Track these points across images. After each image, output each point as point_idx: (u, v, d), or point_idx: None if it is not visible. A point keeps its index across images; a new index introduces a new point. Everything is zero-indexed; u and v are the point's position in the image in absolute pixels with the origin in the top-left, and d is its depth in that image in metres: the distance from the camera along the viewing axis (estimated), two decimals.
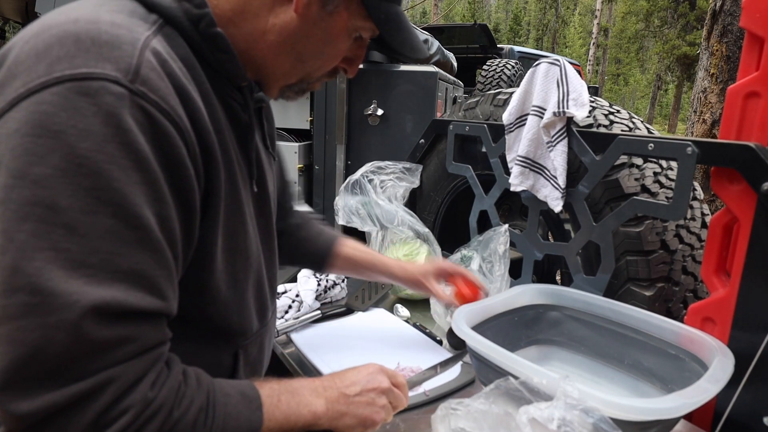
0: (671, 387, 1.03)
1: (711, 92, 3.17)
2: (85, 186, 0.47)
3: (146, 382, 0.51)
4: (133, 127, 0.50)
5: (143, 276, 0.51)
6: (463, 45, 6.02)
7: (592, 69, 26.85)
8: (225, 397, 0.59)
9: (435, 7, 24.98)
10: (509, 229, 1.45)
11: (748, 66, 1.02)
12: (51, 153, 0.46)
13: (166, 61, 0.55)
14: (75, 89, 0.48)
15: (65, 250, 0.46)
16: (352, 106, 2.25)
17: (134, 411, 0.50)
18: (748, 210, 0.99)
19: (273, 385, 0.67)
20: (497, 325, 1.17)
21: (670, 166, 1.32)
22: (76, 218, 0.47)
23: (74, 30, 0.50)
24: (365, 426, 0.74)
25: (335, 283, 1.54)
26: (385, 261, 1.19)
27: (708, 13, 3.18)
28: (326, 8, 0.66)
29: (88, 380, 0.47)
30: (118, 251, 0.49)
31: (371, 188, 1.68)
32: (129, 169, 0.49)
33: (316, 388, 0.71)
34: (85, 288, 0.46)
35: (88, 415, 0.47)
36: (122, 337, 0.49)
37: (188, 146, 0.55)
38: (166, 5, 0.59)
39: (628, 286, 1.28)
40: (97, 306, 0.47)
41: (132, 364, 0.50)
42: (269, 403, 0.63)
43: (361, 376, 0.77)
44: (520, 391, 0.79)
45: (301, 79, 0.74)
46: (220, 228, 0.63)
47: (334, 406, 0.71)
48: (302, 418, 0.67)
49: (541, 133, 1.37)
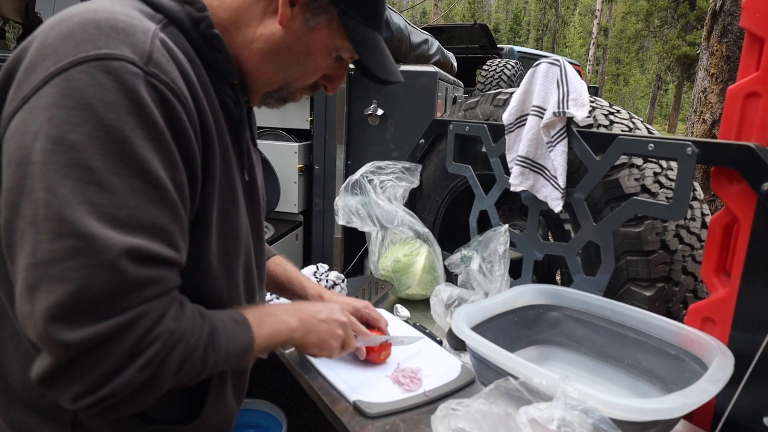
0: (671, 387, 1.03)
1: (711, 92, 3.17)
2: (113, 151, 0.55)
3: (169, 316, 0.60)
4: (149, 102, 0.57)
5: (163, 229, 0.58)
6: (463, 45, 6.02)
7: (592, 69, 26.85)
8: (222, 323, 0.69)
9: (435, 7, 24.99)
10: (509, 229, 1.44)
11: (748, 66, 1.02)
12: (83, 122, 0.54)
13: (172, 50, 0.63)
14: (99, 67, 0.55)
15: (100, 204, 0.54)
16: (352, 106, 2.25)
17: (162, 340, 0.58)
18: (748, 210, 0.99)
19: (254, 309, 0.79)
20: (497, 325, 1.17)
21: (670, 166, 1.32)
22: (107, 178, 0.54)
23: (95, 18, 0.58)
24: (322, 348, 0.90)
25: (335, 283, 1.54)
26: (305, 284, 1.16)
27: (708, 13, 3.18)
28: (308, 24, 0.74)
29: (125, 314, 0.55)
30: (142, 207, 0.56)
31: (371, 188, 1.68)
32: (147, 138, 0.57)
33: (289, 309, 0.87)
34: (118, 235, 0.54)
35: (125, 345, 0.55)
36: (151, 277, 0.57)
37: (191, 123, 0.63)
38: (171, 7, 0.67)
39: (628, 286, 1.27)
40: (131, 249, 0.54)
41: (158, 302, 0.58)
42: (255, 324, 0.74)
43: (326, 307, 0.93)
44: (520, 392, 0.79)
45: (281, 87, 0.80)
46: (215, 203, 0.69)
47: (304, 324, 0.85)
48: (282, 334, 0.81)
49: (541, 133, 1.36)
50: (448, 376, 1.12)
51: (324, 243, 2.41)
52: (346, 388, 1.06)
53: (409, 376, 1.10)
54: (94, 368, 0.54)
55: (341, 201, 1.68)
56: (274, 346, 0.80)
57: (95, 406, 0.56)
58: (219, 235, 0.72)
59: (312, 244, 2.45)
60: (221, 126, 0.71)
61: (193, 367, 0.63)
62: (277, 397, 2.19)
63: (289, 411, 1.95)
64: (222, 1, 0.72)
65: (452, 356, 1.21)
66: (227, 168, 0.72)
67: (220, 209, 0.71)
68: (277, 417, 1.90)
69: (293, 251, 2.39)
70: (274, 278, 1.14)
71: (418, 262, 1.58)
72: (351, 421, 0.98)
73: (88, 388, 0.55)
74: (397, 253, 1.61)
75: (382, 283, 1.62)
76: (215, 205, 0.69)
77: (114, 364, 0.55)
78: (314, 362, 1.16)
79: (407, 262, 1.59)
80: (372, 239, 1.72)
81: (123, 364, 0.55)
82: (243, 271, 0.81)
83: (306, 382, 1.12)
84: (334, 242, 2.35)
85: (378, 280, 1.65)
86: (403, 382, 1.08)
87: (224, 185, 0.71)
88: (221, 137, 0.70)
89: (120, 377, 0.55)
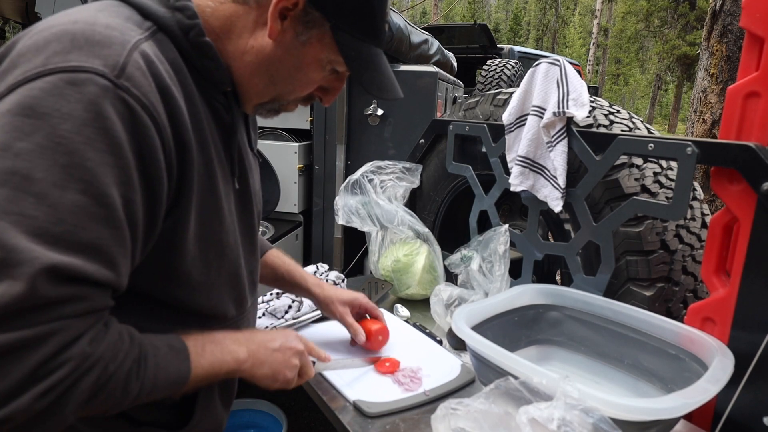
0: (671, 387, 1.03)
1: (711, 92, 3.17)
2: (60, 162, 0.52)
3: (86, 338, 0.55)
4: (112, 116, 0.55)
5: (101, 250, 0.55)
6: (463, 45, 6.01)
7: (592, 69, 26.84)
8: (155, 349, 0.64)
9: (435, 7, 24.98)
10: (509, 229, 1.44)
11: (748, 66, 1.02)
12: (35, 131, 0.52)
13: (152, 63, 0.61)
14: (65, 79, 0.54)
15: (32, 217, 0.51)
16: (352, 106, 2.25)
17: (73, 363, 0.53)
18: (748, 210, 0.99)
19: (197, 336, 0.72)
20: (497, 325, 1.17)
21: (670, 166, 1.32)
22: (48, 190, 0.51)
23: (72, 29, 0.57)
24: (276, 379, 0.83)
25: (335, 283, 1.54)
26: (305, 276, 1.17)
27: (708, 13, 3.18)
28: (300, 38, 0.72)
29: (32, 329, 0.50)
30: (83, 224, 0.53)
31: (371, 188, 1.68)
32: (103, 151, 0.54)
33: (238, 338, 0.78)
34: (44, 251, 0.50)
35: (29, 363, 0.50)
36: (71, 295, 0.53)
37: (163, 141, 0.60)
38: (161, 14, 0.66)
39: (628, 286, 1.27)
40: (53, 266, 0.51)
41: (74, 322, 0.54)
42: (195, 352, 0.69)
43: (280, 335, 0.86)
44: (520, 391, 0.79)
45: (273, 99, 0.79)
46: (192, 217, 0.67)
47: (255, 355, 0.79)
48: (226, 365, 0.74)
49: (541, 133, 1.36)
50: (448, 375, 1.12)
51: (324, 243, 2.41)
52: (346, 388, 1.06)
53: (409, 376, 1.10)
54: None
55: (341, 201, 1.68)
56: (217, 377, 0.73)
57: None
58: (198, 248, 0.70)
59: (312, 244, 2.45)
60: (205, 138, 0.69)
61: (109, 397, 0.58)
62: (277, 397, 2.19)
63: (289, 411, 1.95)
64: (215, 8, 0.71)
65: (452, 356, 1.22)
66: (211, 180, 0.70)
67: (200, 222, 0.69)
68: (277, 417, 1.90)
69: (293, 251, 2.39)
70: (273, 270, 1.13)
71: (418, 262, 1.59)
72: (351, 421, 0.98)
73: None
74: (397, 253, 1.61)
75: (382, 283, 1.62)
76: (192, 217, 0.67)
77: (12, 384, 0.49)
78: None
79: (407, 262, 1.59)
80: (372, 239, 1.72)
81: (21, 386, 0.50)
82: (229, 281, 0.79)
83: (306, 382, 1.12)
84: (334, 242, 2.35)
85: (378, 280, 1.65)
86: (403, 382, 1.09)
87: (206, 198, 0.69)
88: (204, 150, 0.68)
89: (15, 401, 0.50)
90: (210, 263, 0.73)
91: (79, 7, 0.63)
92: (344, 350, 1.21)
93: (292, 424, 1.94)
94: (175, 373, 0.66)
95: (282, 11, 0.69)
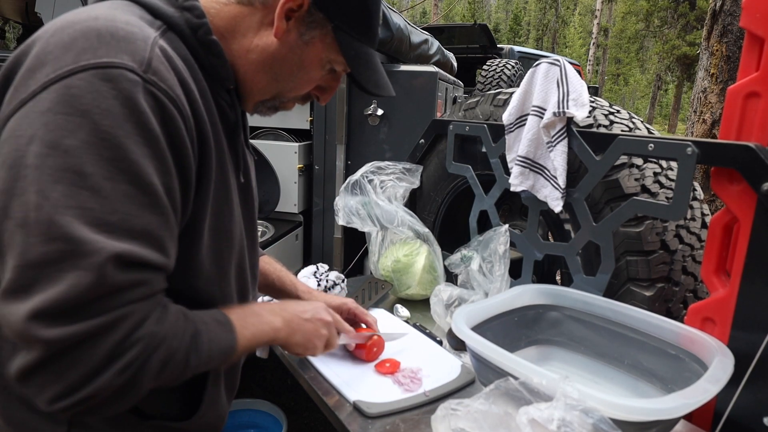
0: (671, 387, 1.03)
1: (711, 92, 3.17)
2: (106, 156, 0.55)
3: (152, 319, 0.60)
4: (146, 109, 0.58)
5: (152, 234, 0.59)
6: (463, 45, 6.01)
7: (592, 69, 26.84)
8: (204, 325, 0.69)
9: (435, 7, 24.98)
10: (509, 229, 1.44)
11: (748, 66, 1.02)
12: (79, 128, 0.55)
13: (171, 58, 0.64)
14: (98, 75, 0.56)
15: (90, 209, 0.55)
16: (352, 106, 2.25)
17: (143, 343, 0.59)
18: (748, 210, 0.99)
19: (237, 310, 0.78)
20: (497, 325, 1.17)
21: (670, 166, 1.32)
22: (100, 183, 0.55)
23: (95, 26, 0.59)
24: (306, 347, 0.91)
25: (335, 283, 1.54)
26: (296, 282, 1.18)
27: (708, 13, 3.18)
28: (303, 38, 0.76)
29: (106, 315, 0.55)
30: (134, 212, 0.57)
31: (371, 188, 1.68)
32: (142, 144, 0.58)
33: (274, 309, 0.87)
34: (107, 240, 0.55)
35: (105, 346, 0.56)
36: (136, 281, 0.58)
37: (188, 130, 0.64)
38: (170, 14, 0.68)
39: (628, 286, 1.27)
40: (119, 254, 0.55)
41: (141, 304, 0.59)
42: (239, 324, 0.74)
43: (312, 306, 0.94)
44: (519, 392, 0.79)
45: (274, 97, 0.82)
46: (209, 206, 0.70)
47: (289, 324, 0.86)
48: (265, 334, 0.81)
49: (541, 134, 1.36)
50: (448, 376, 1.12)
51: (324, 243, 2.41)
52: (346, 388, 1.06)
53: (409, 376, 1.10)
54: (72, 369, 0.54)
55: (341, 201, 1.68)
56: (258, 345, 0.81)
57: (73, 408, 0.56)
58: (212, 237, 0.73)
59: (312, 244, 2.45)
60: (218, 131, 0.72)
61: (174, 370, 0.64)
62: (277, 397, 2.19)
63: (289, 411, 1.95)
64: (220, 9, 0.74)
65: (452, 356, 1.21)
66: (223, 172, 0.73)
67: (214, 212, 0.72)
68: (277, 417, 1.90)
69: (293, 251, 2.39)
70: (265, 276, 1.14)
71: (418, 262, 1.58)
72: (351, 421, 0.98)
73: (66, 390, 0.55)
74: (397, 253, 1.61)
75: (382, 283, 1.62)
76: (209, 208, 0.70)
77: (92, 366, 0.55)
78: (314, 362, 1.16)
79: (407, 262, 1.59)
80: (372, 239, 1.72)
81: (102, 366, 0.56)
82: (236, 272, 0.82)
83: (306, 382, 1.12)
84: (334, 242, 2.35)
85: (378, 280, 1.65)
86: (403, 382, 1.08)
87: (219, 189, 0.72)
88: (218, 142, 0.71)
89: (98, 380, 0.55)
90: (221, 253, 0.76)
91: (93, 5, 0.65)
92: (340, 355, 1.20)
93: (292, 424, 1.94)
94: (225, 344, 0.71)
95: (288, 12, 0.73)
